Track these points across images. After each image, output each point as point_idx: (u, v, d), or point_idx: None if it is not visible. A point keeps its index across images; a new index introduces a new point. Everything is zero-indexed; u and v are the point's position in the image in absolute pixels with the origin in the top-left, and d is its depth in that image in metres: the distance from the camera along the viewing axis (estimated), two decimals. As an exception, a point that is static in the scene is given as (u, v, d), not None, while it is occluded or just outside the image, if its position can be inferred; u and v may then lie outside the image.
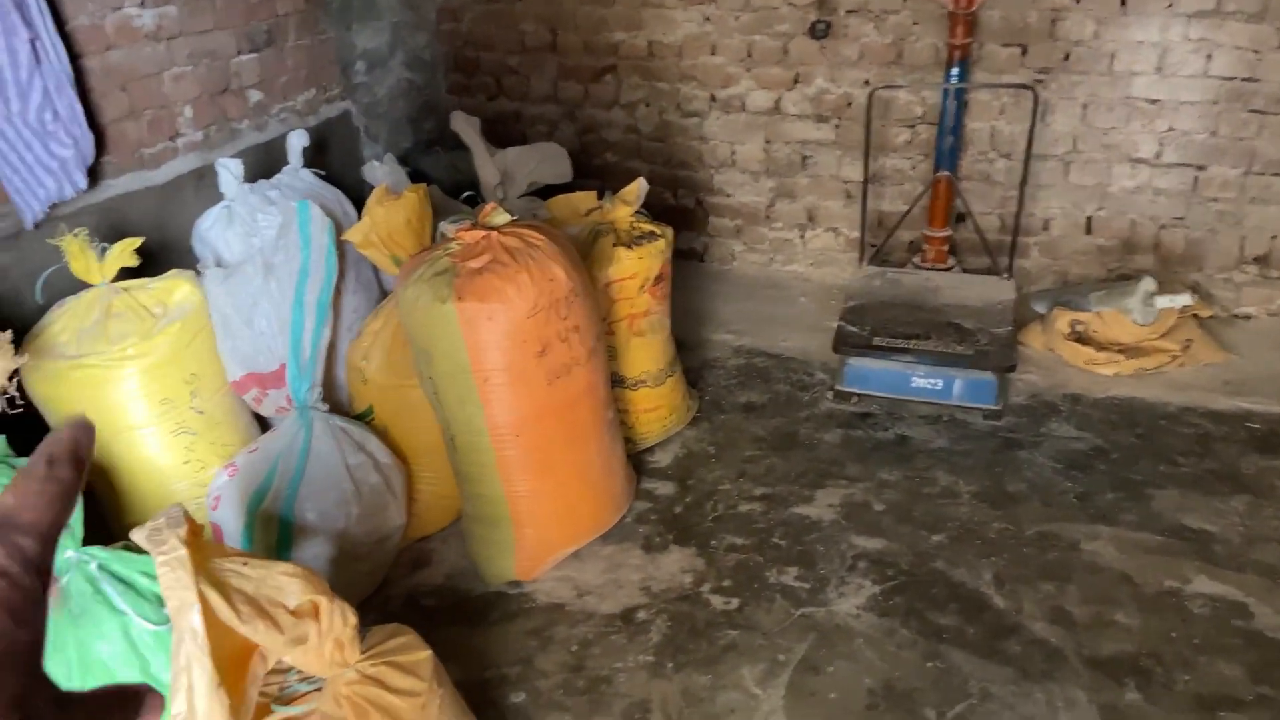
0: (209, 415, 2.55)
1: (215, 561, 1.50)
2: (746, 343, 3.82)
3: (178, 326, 2.47)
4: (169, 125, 3.24)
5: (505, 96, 4.48)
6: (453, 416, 2.42)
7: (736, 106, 4.16)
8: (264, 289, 2.50)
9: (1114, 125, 3.68)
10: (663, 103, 4.26)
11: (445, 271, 2.32)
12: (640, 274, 2.89)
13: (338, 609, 1.70)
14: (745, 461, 3.09)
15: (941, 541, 2.71)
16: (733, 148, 4.25)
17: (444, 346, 2.32)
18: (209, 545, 1.55)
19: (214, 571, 1.47)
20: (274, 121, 3.64)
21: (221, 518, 2.37)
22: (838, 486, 2.96)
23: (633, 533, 2.79)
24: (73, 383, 2.37)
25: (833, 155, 4.11)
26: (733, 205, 4.36)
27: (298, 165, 3.01)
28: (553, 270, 2.35)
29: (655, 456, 3.13)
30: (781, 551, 2.70)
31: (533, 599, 2.58)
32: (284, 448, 2.45)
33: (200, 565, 1.45)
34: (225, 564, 1.51)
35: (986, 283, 3.63)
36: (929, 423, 3.25)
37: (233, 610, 1.45)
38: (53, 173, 2.65)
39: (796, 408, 3.38)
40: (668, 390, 3.08)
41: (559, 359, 2.39)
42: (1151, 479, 2.93)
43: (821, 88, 4.01)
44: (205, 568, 1.46)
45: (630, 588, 2.60)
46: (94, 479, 2.53)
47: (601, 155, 4.45)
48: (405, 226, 2.64)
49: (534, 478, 2.47)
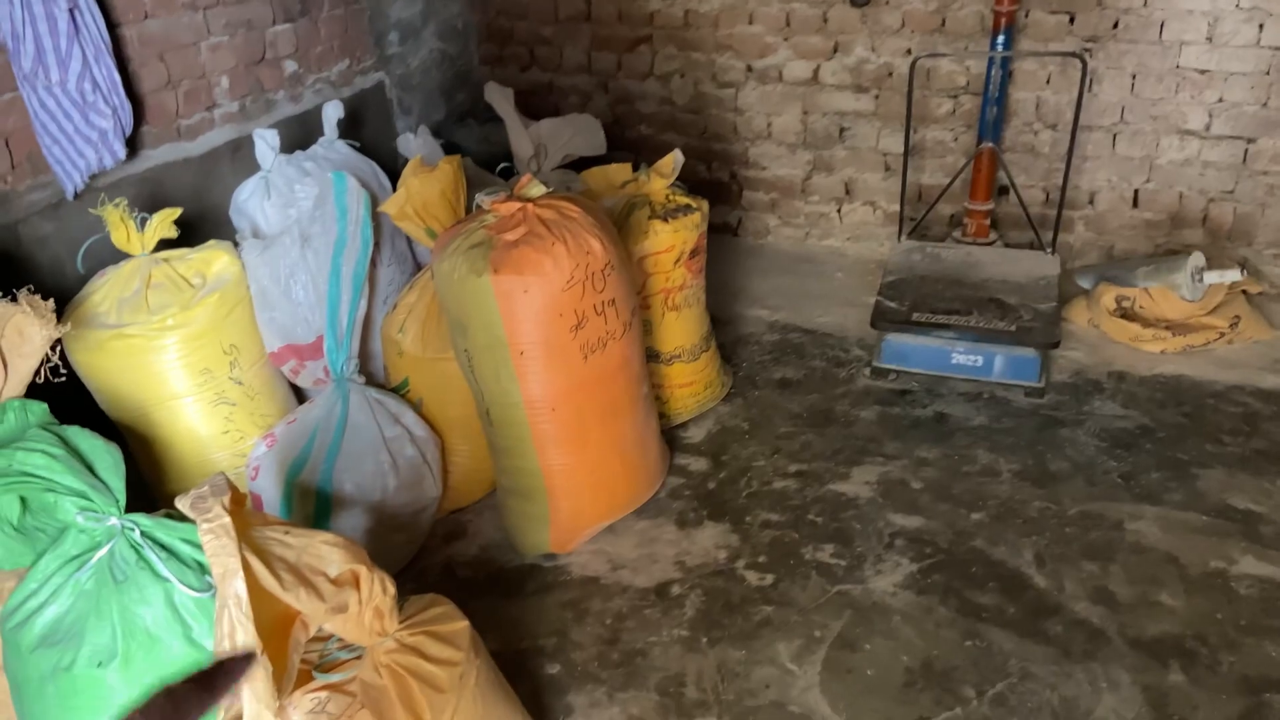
0: (248, 386, 2.56)
1: (258, 530, 1.50)
2: (781, 318, 3.78)
3: (217, 297, 2.47)
4: (206, 96, 3.23)
5: (538, 67, 4.45)
6: (488, 390, 2.41)
7: (773, 77, 4.10)
8: (301, 260, 2.50)
9: (1162, 96, 3.58)
10: (698, 74, 4.20)
11: (481, 244, 2.31)
12: (676, 247, 2.86)
13: (378, 578, 1.70)
14: (780, 438, 3.06)
15: (981, 520, 2.68)
16: (769, 119, 4.19)
17: (479, 320, 2.31)
18: (251, 514, 1.55)
19: (256, 540, 1.47)
20: (309, 93, 3.63)
21: (261, 487, 2.38)
22: (875, 464, 2.92)
23: (667, 508, 2.78)
24: (113, 352, 2.39)
25: (872, 127, 4.04)
26: (768, 178, 4.31)
27: (333, 137, 3.00)
28: (589, 243, 2.32)
29: (689, 432, 3.11)
30: (817, 528, 2.68)
31: (567, 572, 2.57)
32: (321, 419, 2.45)
33: (243, 533, 1.45)
34: (268, 532, 1.51)
35: (1030, 257, 3.56)
36: (969, 400, 3.20)
37: (275, 578, 1.45)
38: (92, 143, 2.66)
39: (832, 384, 3.34)
40: (702, 365, 3.06)
41: (595, 333, 2.37)
42: (1198, 458, 2.87)
43: (861, 57, 3.93)
44: (248, 536, 1.46)
45: (664, 562, 2.59)
46: (135, 448, 2.55)
47: (635, 127, 4.40)
48: (440, 198, 2.63)
49: (569, 452, 2.46)
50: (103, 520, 1.87)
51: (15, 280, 2.67)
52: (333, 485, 2.37)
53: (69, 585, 1.85)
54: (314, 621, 1.59)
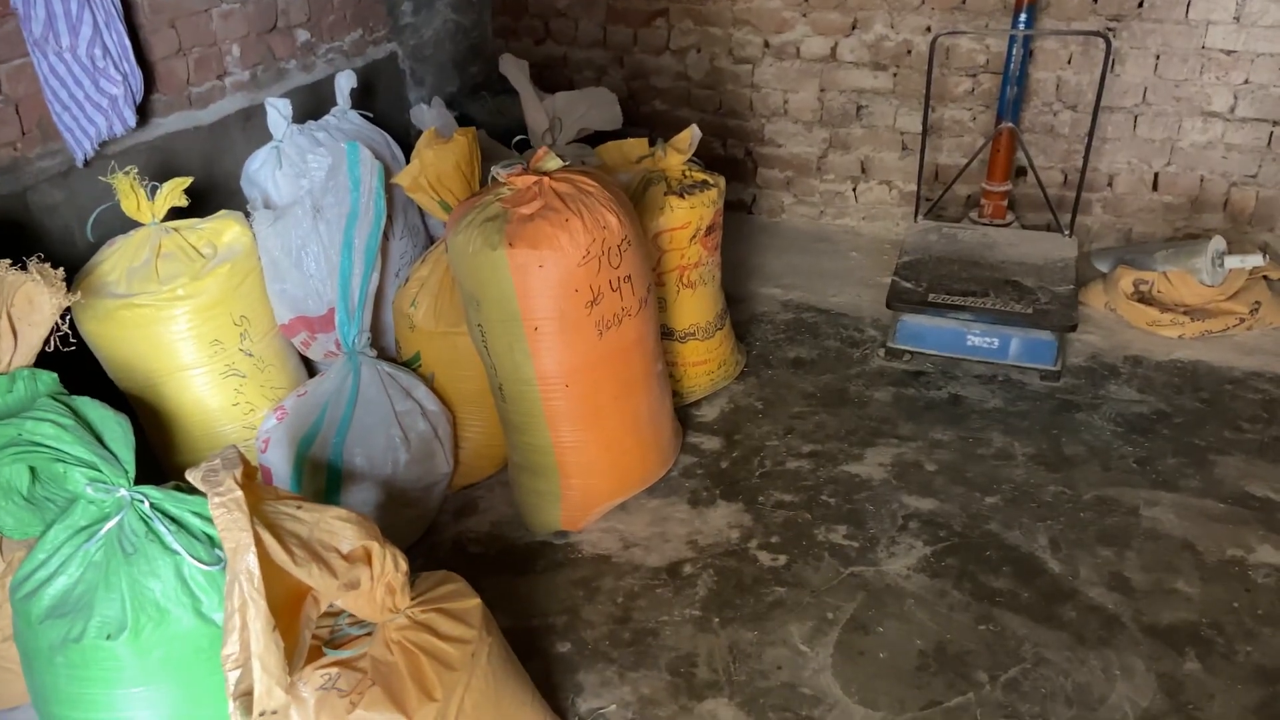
0: (258, 358, 2.54)
1: (269, 504, 1.48)
2: (795, 297, 3.74)
3: (227, 268, 2.45)
4: (217, 64, 3.20)
5: (553, 40, 4.39)
6: (501, 365, 2.39)
7: (791, 53, 4.04)
8: (313, 231, 2.47)
9: (1186, 77, 3.53)
10: (714, 49, 4.15)
11: (496, 217, 2.27)
12: (692, 224, 2.82)
13: (389, 555, 1.68)
14: (794, 418, 3.04)
15: (995, 503, 2.65)
16: (785, 96, 4.13)
17: (494, 294, 2.28)
18: (263, 488, 1.53)
19: (268, 514, 1.45)
20: (321, 62, 3.59)
21: (271, 460, 2.36)
22: (889, 445, 2.90)
23: (679, 487, 2.76)
24: (122, 322, 2.37)
25: (889, 105, 3.99)
26: (783, 156, 4.26)
27: (346, 107, 2.97)
28: (606, 217, 2.29)
29: (702, 410, 3.08)
30: (830, 510, 2.66)
31: (578, 549, 2.56)
32: (333, 392, 2.43)
33: (255, 507, 1.43)
34: (279, 507, 1.49)
35: (1047, 240, 3.51)
36: (984, 383, 3.17)
37: (287, 553, 1.44)
38: (102, 110, 2.63)
39: (847, 364, 3.31)
40: (716, 344, 3.03)
41: (610, 309, 2.34)
42: (1215, 445, 2.84)
43: (880, 34, 3.87)
44: (260, 510, 1.44)
45: (676, 541, 2.57)
46: (144, 419, 2.53)
47: (650, 102, 4.35)
48: (455, 171, 2.59)
49: (582, 429, 2.43)
50: (112, 491, 1.85)
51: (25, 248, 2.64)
52: (343, 459, 2.36)
53: (78, 556, 1.84)
54: (326, 597, 1.57)
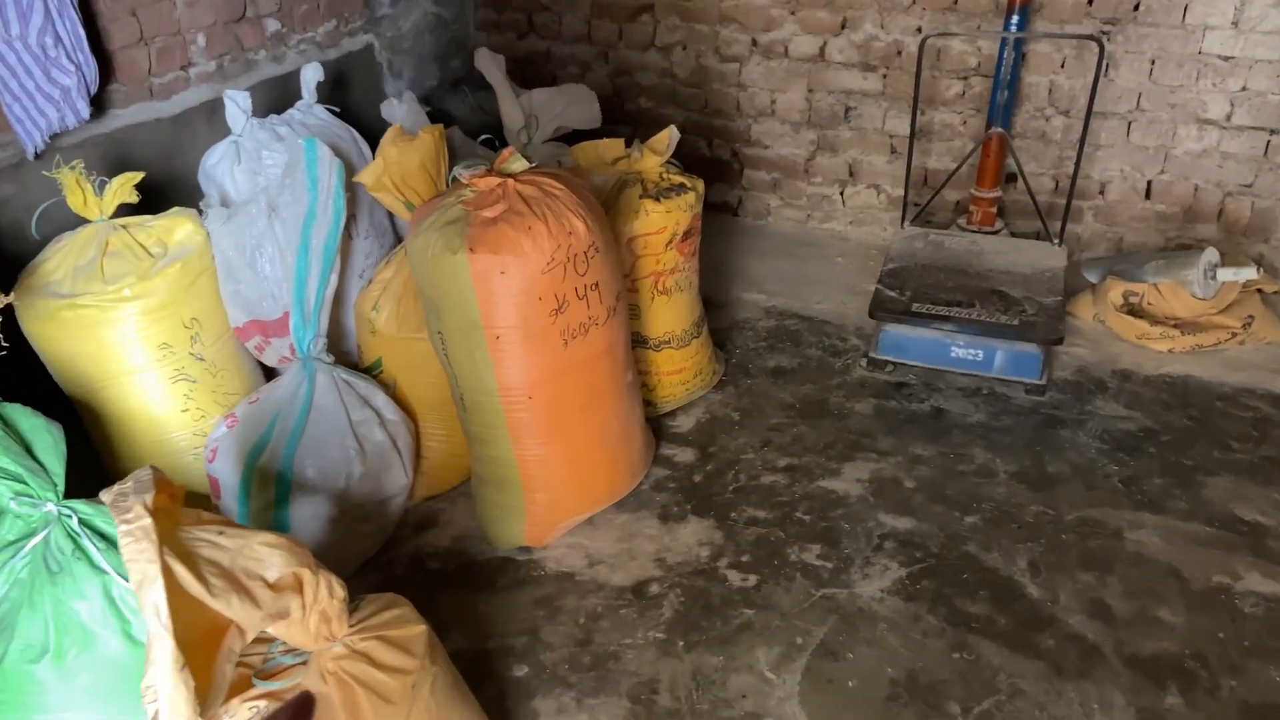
0: (210, 362, 2.44)
1: (187, 530, 1.38)
2: (778, 303, 3.64)
3: (178, 268, 2.34)
4: (181, 54, 3.09)
5: (536, 34, 4.29)
6: (462, 374, 2.29)
7: (779, 52, 3.94)
8: (268, 231, 2.37)
9: (1182, 83, 3.43)
10: (700, 46, 4.04)
11: (458, 220, 2.18)
12: (668, 228, 2.72)
13: (323, 581, 1.58)
14: (771, 430, 2.95)
15: (975, 523, 2.56)
16: (773, 96, 4.03)
17: (454, 300, 2.19)
18: (184, 512, 1.43)
19: (184, 542, 1.36)
20: (292, 53, 3.48)
21: (218, 470, 2.27)
22: (867, 460, 2.81)
23: (649, 501, 2.66)
24: (65, 323, 2.26)
25: (878, 107, 3.89)
26: (770, 157, 4.16)
27: (311, 100, 2.86)
28: (572, 222, 2.19)
29: (677, 421, 2.99)
30: (804, 527, 2.56)
31: (542, 566, 2.46)
32: (285, 400, 2.33)
33: (169, 534, 1.33)
34: (199, 533, 1.40)
35: (1036, 248, 3.42)
36: (967, 396, 3.08)
37: (202, 584, 1.34)
38: (54, 101, 2.52)
39: (828, 374, 3.22)
40: (693, 352, 2.93)
41: (576, 318, 2.24)
42: (1204, 465, 2.75)
43: (870, 34, 3.77)
44: (174, 537, 1.34)
45: (644, 559, 2.48)
46: (89, 424, 2.43)
47: (635, 100, 4.25)
48: (419, 170, 2.49)
49: (546, 441, 2.34)
50: (38, 506, 1.75)
51: (-30, 243, 2.55)
52: (294, 471, 2.26)
53: (3, 573, 1.74)
54: (250, 629, 1.47)
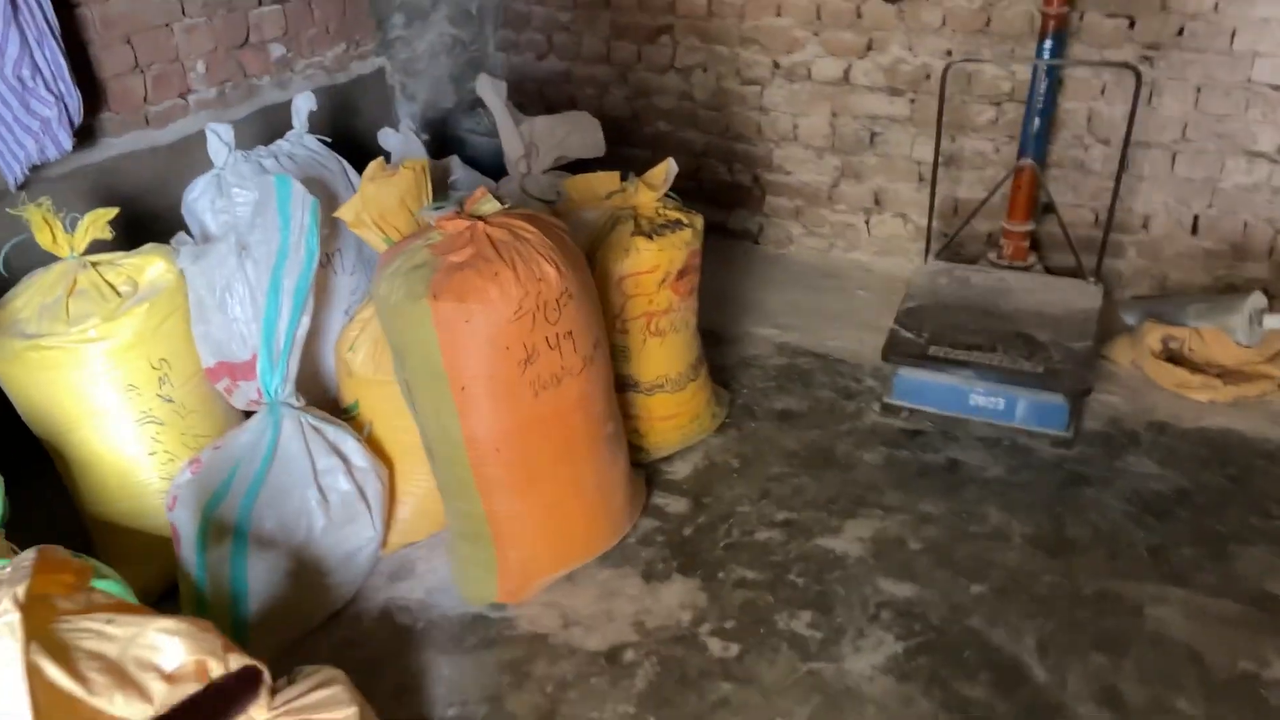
0: (180, 403, 2.37)
1: (69, 621, 1.29)
2: (792, 339, 3.48)
3: (145, 308, 2.27)
4: (179, 81, 3.05)
5: (555, 55, 4.18)
6: (428, 425, 2.18)
7: (801, 75, 3.78)
8: (238, 271, 2.29)
9: (1230, 112, 3.19)
10: (721, 68, 3.90)
11: (423, 265, 2.07)
12: (661, 267, 2.59)
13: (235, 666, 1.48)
14: (771, 479, 2.79)
15: (982, 593, 2.38)
16: (795, 120, 3.88)
17: (418, 349, 2.08)
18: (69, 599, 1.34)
19: (61, 634, 1.26)
20: (298, 79, 3.43)
21: (177, 519, 2.19)
22: (871, 517, 2.63)
23: (634, 556, 2.53)
24: (30, 364, 2.21)
25: (906, 133, 3.71)
26: (792, 184, 4.00)
27: (302, 131, 2.78)
28: (543, 268, 2.07)
29: (673, 467, 2.84)
30: (796, 591, 2.40)
31: (514, 625, 2.34)
32: (248, 446, 2.25)
33: (43, 627, 1.24)
34: (84, 622, 1.30)
35: (1069, 287, 3.21)
36: (987, 447, 2.88)
37: (79, 681, 1.24)
38: (32, 133, 2.48)
39: (838, 419, 3.05)
40: (688, 396, 2.79)
41: (547, 368, 2.12)
42: (1239, 532, 2.53)
43: (897, 56, 3.60)
44: (49, 631, 1.25)
45: (622, 621, 2.34)
46: (60, 467, 2.38)
47: (653, 123, 4.12)
48: (399, 206, 2.39)
49: (517, 496, 2.22)
50: (-35, 566, 1.69)
51: (-50, 276, 2.51)
52: (251, 523, 2.17)
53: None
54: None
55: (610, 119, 4.13)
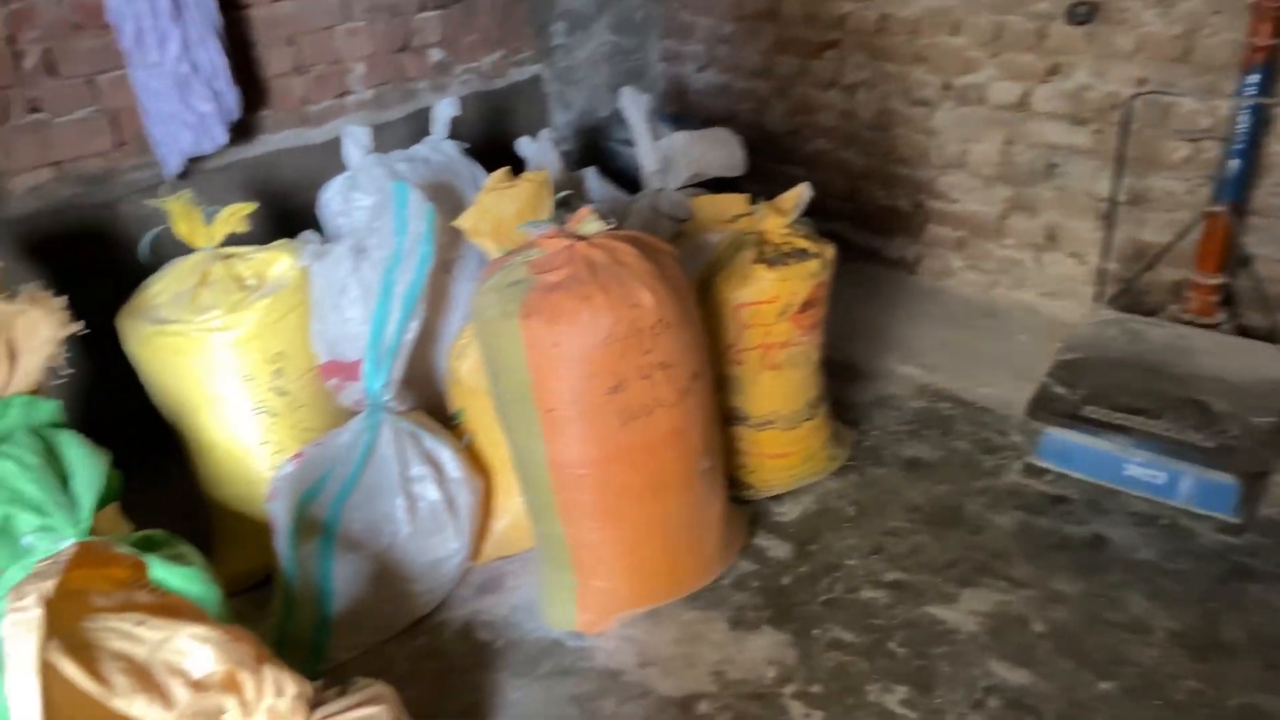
0: (293, 396, 2.43)
1: (97, 620, 1.31)
2: (936, 381, 3.24)
3: (267, 303, 2.34)
4: (338, 82, 3.16)
5: (716, 67, 4.09)
6: (516, 444, 2.14)
7: (974, 98, 3.52)
8: (354, 273, 2.33)
9: None
10: (888, 87, 3.69)
11: (519, 282, 2.02)
12: (781, 298, 2.45)
13: (269, 679, 1.47)
14: (887, 534, 2.59)
15: (1109, 691, 2.11)
16: (964, 146, 3.61)
17: (508, 366, 2.04)
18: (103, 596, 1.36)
19: (87, 634, 1.28)
20: (455, 83, 3.49)
21: (274, 511, 2.24)
22: (994, 589, 2.39)
23: (725, 600, 2.40)
24: (158, 348, 2.32)
25: (1087, 166, 3.38)
26: (957, 213, 3.73)
27: (441, 136, 2.82)
28: (638, 294, 1.98)
29: (782, 507, 2.69)
30: (895, 662, 2.21)
31: (590, 657, 2.26)
32: (346, 446, 2.28)
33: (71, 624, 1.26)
34: (112, 622, 1.32)
35: (1259, 351, 2.83)
36: (1140, 524, 2.57)
37: (101, 682, 1.25)
38: (190, 126, 2.62)
39: (973, 474, 2.80)
40: (802, 435, 2.63)
41: (637, 398, 2.03)
42: None
43: (1082, 83, 3.28)
44: (75, 629, 1.26)
45: (701, 669, 2.22)
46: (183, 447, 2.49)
47: (812, 141, 3.95)
48: (516, 218, 2.36)
49: (600, 526, 2.14)
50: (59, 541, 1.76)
51: (110, 259, 2.69)
52: (340, 522, 2.19)
53: (16, 602, 1.76)
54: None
55: (768, 135, 4.00)
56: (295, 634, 2.21)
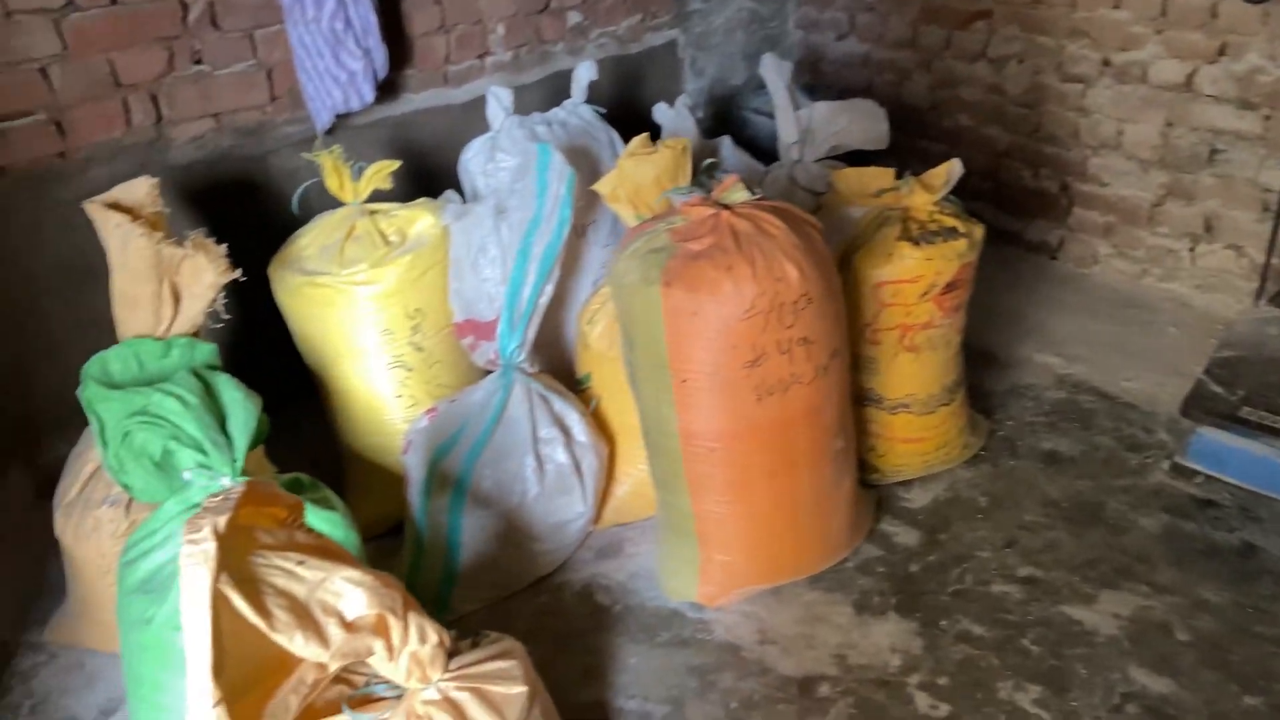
0: (428, 352, 2.47)
1: (261, 556, 1.35)
2: (1077, 372, 3.10)
3: (409, 259, 2.38)
4: (479, 43, 3.18)
5: (856, 36, 3.97)
6: (647, 411, 2.13)
7: (1135, 76, 3.33)
8: (493, 234, 2.34)
9: None
10: (1040, 61, 3.52)
11: (661, 249, 2.00)
12: (925, 277, 2.36)
13: (414, 626, 1.50)
14: (1022, 528, 2.49)
15: (1255, 707, 1.99)
16: (1120, 126, 3.42)
17: (645, 334, 2.02)
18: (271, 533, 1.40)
19: (254, 569, 1.32)
20: (591, 46, 3.48)
21: (409, 463, 2.29)
22: (1135, 592, 2.28)
23: (849, 583, 2.35)
24: (305, 299, 2.39)
25: (1254, 153, 3.16)
26: (1107, 197, 3.55)
27: (579, 100, 2.81)
28: (784, 267, 1.93)
29: (910, 493, 2.62)
30: (1028, 660, 2.13)
31: (709, 629, 2.25)
32: (478, 405, 2.31)
33: (240, 558, 1.30)
34: (276, 560, 1.36)
35: None
36: (1297, 535, 2.42)
37: (264, 616, 1.29)
38: (340, 83, 2.67)
39: (1115, 472, 2.67)
40: (938, 421, 2.55)
41: (774, 373, 1.99)
42: None
43: (1255, 65, 3.06)
44: (244, 563, 1.31)
45: (822, 650, 2.18)
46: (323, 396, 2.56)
47: (954, 116, 3.81)
48: (654, 185, 2.34)
49: (726, 500, 2.12)
50: (214, 479, 1.84)
51: (260, 210, 2.78)
52: (471, 479, 2.23)
53: (175, 537, 1.84)
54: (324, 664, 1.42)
55: (908, 108, 3.87)
56: (422, 584, 2.26)
